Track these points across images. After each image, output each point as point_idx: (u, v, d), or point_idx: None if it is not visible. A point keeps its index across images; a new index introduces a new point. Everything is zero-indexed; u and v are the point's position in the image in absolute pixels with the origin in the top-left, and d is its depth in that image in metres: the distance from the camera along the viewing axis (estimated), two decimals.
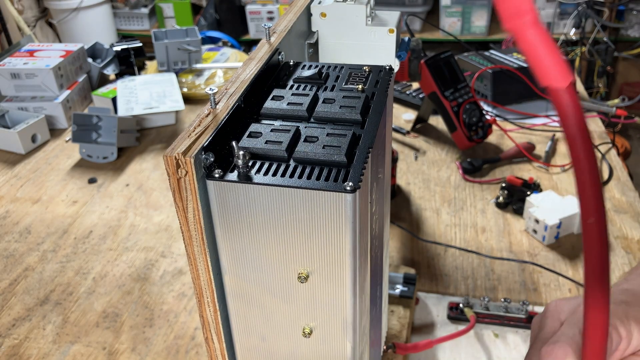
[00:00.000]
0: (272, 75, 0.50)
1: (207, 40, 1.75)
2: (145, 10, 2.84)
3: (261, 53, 0.49)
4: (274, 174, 0.37)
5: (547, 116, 1.25)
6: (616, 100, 1.26)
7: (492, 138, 1.19)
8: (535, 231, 0.91)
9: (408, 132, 1.22)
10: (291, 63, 0.52)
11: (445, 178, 1.08)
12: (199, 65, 1.43)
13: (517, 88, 1.27)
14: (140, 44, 1.45)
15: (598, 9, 2.46)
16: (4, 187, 1.12)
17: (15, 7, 2.40)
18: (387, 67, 0.50)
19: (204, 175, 0.38)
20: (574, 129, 0.30)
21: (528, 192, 0.95)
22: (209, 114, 0.41)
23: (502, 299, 0.77)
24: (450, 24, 2.56)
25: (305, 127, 0.42)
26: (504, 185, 0.98)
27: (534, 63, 0.29)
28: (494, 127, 1.19)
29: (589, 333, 0.37)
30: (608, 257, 0.34)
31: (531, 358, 0.44)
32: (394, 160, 1.00)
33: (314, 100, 0.45)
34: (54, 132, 1.30)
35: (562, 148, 1.15)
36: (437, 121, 1.25)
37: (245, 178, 0.37)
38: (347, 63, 0.51)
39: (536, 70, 0.29)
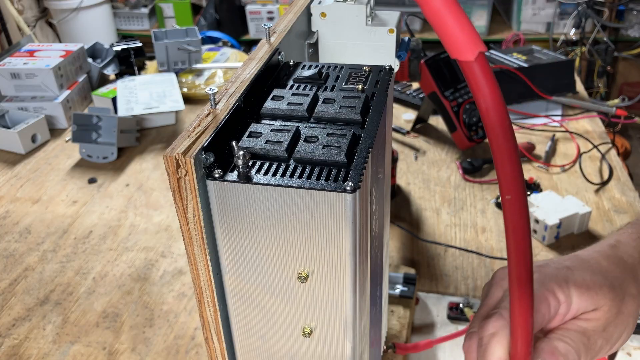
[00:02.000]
0: (272, 75, 0.50)
1: (207, 40, 1.75)
2: (145, 10, 2.84)
3: (261, 53, 0.49)
4: (274, 174, 0.37)
5: (547, 116, 1.25)
6: (616, 100, 1.26)
7: None
8: (535, 231, 0.91)
9: (408, 132, 1.22)
10: (291, 63, 0.52)
11: (445, 178, 1.08)
12: (199, 65, 1.43)
13: (517, 88, 1.27)
14: (140, 44, 1.45)
15: (598, 9, 2.46)
16: (4, 187, 1.12)
17: (15, 7, 2.40)
18: (387, 67, 0.50)
19: (204, 175, 0.38)
20: (487, 102, 0.28)
21: (528, 192, 0.95)
22: (209, 114, 0.41)
23: None
24: None
25: (305, 127, 0.42)
26: None
27: (441, 33, 0.27)
28: None
29: (514, 310, 0.37)
30: (529, 236, 0.33)
31: (473, 327, 0.44)
32: (394, 160, 1.00)
33: (314, 100, 0.45)
34: (54, 132, 1.30)
35: (562, 148, 1.15)
36: (437, 121, 1.25)
37: (245, 178, 0.37)
38: (347, 63, 0.51)
39: (444, 42, 0.27)
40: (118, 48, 1.42)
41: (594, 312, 0.42)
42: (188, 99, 1.36)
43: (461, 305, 0.78)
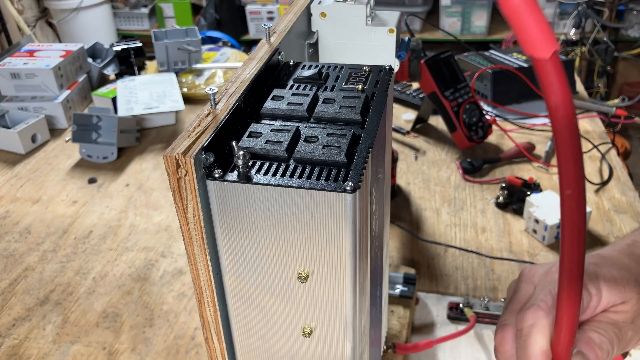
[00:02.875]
0: (272, 75, 0.50)
1: (207, 40, 1.75)
2: (145, 10, 2.84)
3: (261, 53, 0.49)
4: (274, 174, 0.37)
5: (547, 116, 1.25)
6: (616, 100, 1.26)
7: (492, 138, 1.19)
8: (535, 231, 0.91)
9: (408, 132, 1.22)
10: (291, 63, 0.52)
11: (445, 178, 1.08)
12: (199, 65, 1.43)
13: (517, 88, 1.27)
14: (140, 44, 1.45)
15: (598, 9, 2.46)
16: (4, 187, 1.12)
17: (15, 7, 2.40)
18: (387, 67, 0.50)
19: (204, 175, 0.38)
20: (557, 99, 0.29)
21: (528, 192, 0.95)
22: (209, 114, 0.41)
23: (502, 299, 0.77)
24: (450, 24, 2.56)
25: (305, 127, 0.42)
26: (504, 185, 0.98)
27: (518, 30, 0.28)
28: (494, 127, 1.19)
29: (563, 301, 0.37)
30: (584, 230, 0.34)
31: (505, 320, 0.45)
32: (394, 160, 1.00)
33: (314, 100, 0.45)
34: (54, 132, 1.30)
35: None
36: (437, 121, 1.25)
37: (245, 178, 0.37)
38: (347, 63, 0.51)
39: (519, 38, 0.28)
40: (118, 48, 1.42)
41: (622, 305, 0.43)
42: (188, 99, 1.36)
43: (461, 305, 0.78)
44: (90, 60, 1.43)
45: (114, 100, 1.31)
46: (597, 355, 0.41)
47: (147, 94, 1.29)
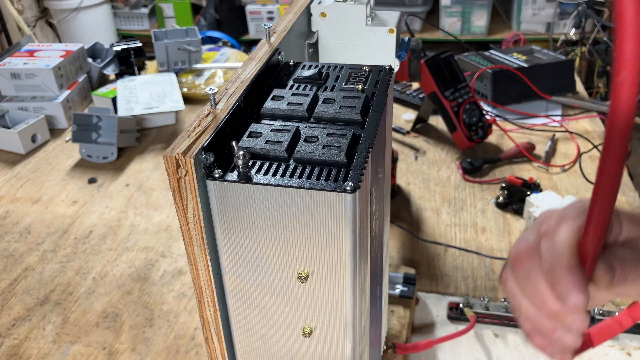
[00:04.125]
0: (272, 75, 0.50)
1: (207, 40, 1.75)
2: (145, 10, 2.84)
3: (261, 53, 0.49)
4: (274, 174, 0.37)
5: (547, 116, 1.25)
6: None
7: (492, 138, 1.19)
8: None
9: (408, 132, 1.22)
10: (291, 63, 0.52)
11: (445, 178, 1.08)
12: (199, 65, 1.43)
13: (517, 88, 1.27)
14: (140, 44, 1.45)
15: (598, 9, 2.46)
16: (4, 187, 1.12)
17: (15, 7, 2.40)
18: (387, 67, 0.50)
19: (204, 175, 0.38)
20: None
21: (528, 192, 0.95)
22: (209, 114, 0.41)
23: (502, 299, 0.77)
24: (450, 24, 2.56)
25: (305, 127, 0.42)
26: (504, 185, 0.98)
27: None
28: (494, 127, 1.19)
29: (597, 197, 0.36)
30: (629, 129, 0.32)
31: (523, 236, 0.42)
32: (394, 160, 1.00)
33: (314, 100, 0.45)
34: (54, 132, 1.30)
35: (562, 148, 1.15)
36: (437, 121, 1.25)
37: (245, 178, 0.37)
38: (347, 63, 0.51)
39: None
40: (118, 48, 1.42)
41: None
42: (188, 99, 1.36)
43: (461, 305, 0.78)
44: (90, 60, 1.43)
45: (114, 100, 1.31)
46: (621, 267, 0.39)
47: (147, 94, 1.29)
